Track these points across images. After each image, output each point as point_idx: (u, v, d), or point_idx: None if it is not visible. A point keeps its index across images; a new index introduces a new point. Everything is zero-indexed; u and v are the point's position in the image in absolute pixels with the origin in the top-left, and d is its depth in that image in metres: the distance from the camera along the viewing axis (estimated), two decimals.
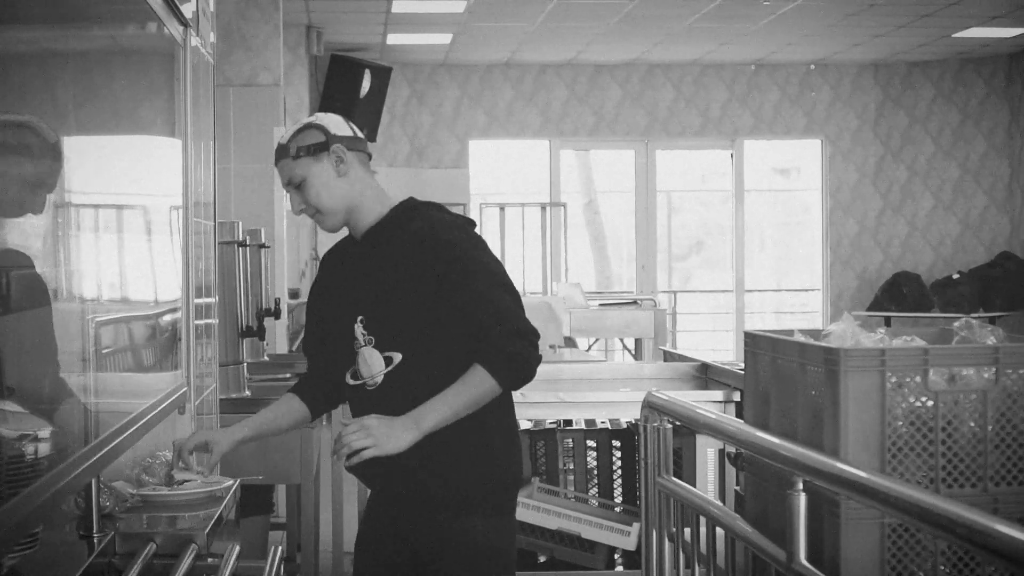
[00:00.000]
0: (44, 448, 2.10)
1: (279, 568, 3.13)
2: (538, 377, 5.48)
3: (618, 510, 5.41)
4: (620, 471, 5.55)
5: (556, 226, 13.12)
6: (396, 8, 10.21)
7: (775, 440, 3.01)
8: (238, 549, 2.93)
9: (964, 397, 3.24)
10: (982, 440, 3.24)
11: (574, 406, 5.20)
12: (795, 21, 10.99)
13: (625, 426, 5.63)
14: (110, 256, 2.70)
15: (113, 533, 2.70)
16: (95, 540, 2.64)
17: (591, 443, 5.59)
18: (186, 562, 2.63)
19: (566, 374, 5.68)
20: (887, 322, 12.06)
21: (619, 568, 5.35)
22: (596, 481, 5.58)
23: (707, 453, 4.88)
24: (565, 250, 13.18)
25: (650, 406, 3.68)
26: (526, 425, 5.74)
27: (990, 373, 3.25)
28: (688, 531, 3.62)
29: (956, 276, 12.81)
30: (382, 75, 11.74)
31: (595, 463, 5.60)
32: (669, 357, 6.22)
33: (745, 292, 13.96)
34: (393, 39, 11.66)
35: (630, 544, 5.21)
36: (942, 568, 3.20)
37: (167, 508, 2.99)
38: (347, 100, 11.46)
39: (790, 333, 3.63)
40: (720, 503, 3.93)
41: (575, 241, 13.68)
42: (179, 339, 3.45)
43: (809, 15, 10.75)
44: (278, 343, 7.49)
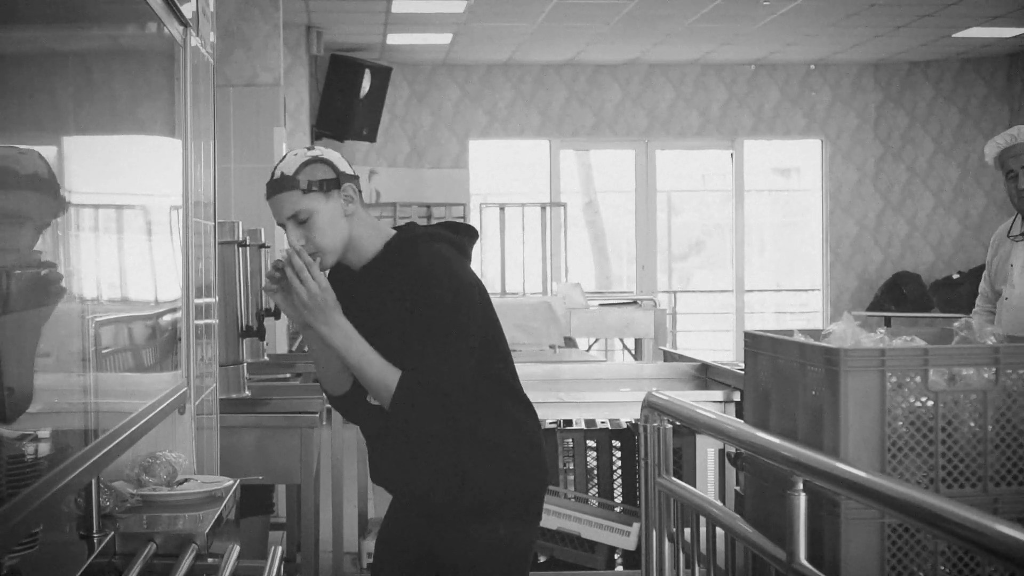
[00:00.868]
0: (44, 448, 2.10)
1: (279, 568, 3.12)
2: (538, 377, 5.54)
3: (618, 510, 5.41)
4: (620, 471, 5.55)
5: (556, 226, 13.12)
6: (396, 8, 10.21)
7: (775, 440, 3.01)
8: (238, 549, 2.93)
9: (964, 397, 3.24)
10: (982, 440, 3.24)
11: (574, 406, 5.20)
12: (795, 21, 10.99)
13: (625, 426, 5.63)
14: (110, 256, 2.70)
15: (113, 533, 2.70)
16: (95, 540, 2.64)
17: (591, 443, 5.59)
18: (186, 562, 2.63)
19: (566, 374, 5.68)
20: (887, 322, 12.06)
21: (619, 568, 5.35)
22: (596, 481, 5.58)
23: (707, 453, 4.88)
24: (565, 250, 13.18)
25: (650, 406, 3.68)
26: None
27: (990, 373, 3.25)
28: (688, 531, 3.62)
29: (956, 276, 12.81)
30: (382, 75, 11.74)
31: (595, 463, 5.60)
32: (669, 357, 6.22)
33: (745, 292, 13.96)
34: (393, 39, 11.66)
35: (630, 544, 5.21)
36: (942, 568, 3.20)
37: (167, 508, 3.00)
38: (347, 100, 11.47)
39: (790, 333, 3.63)
40: (720, 503, 3.93)
41: (575, 241, 13.68)
42: (179, 339, 3.45)
43: (809, 15, 10.75)
44: (278, 343, 7.49)
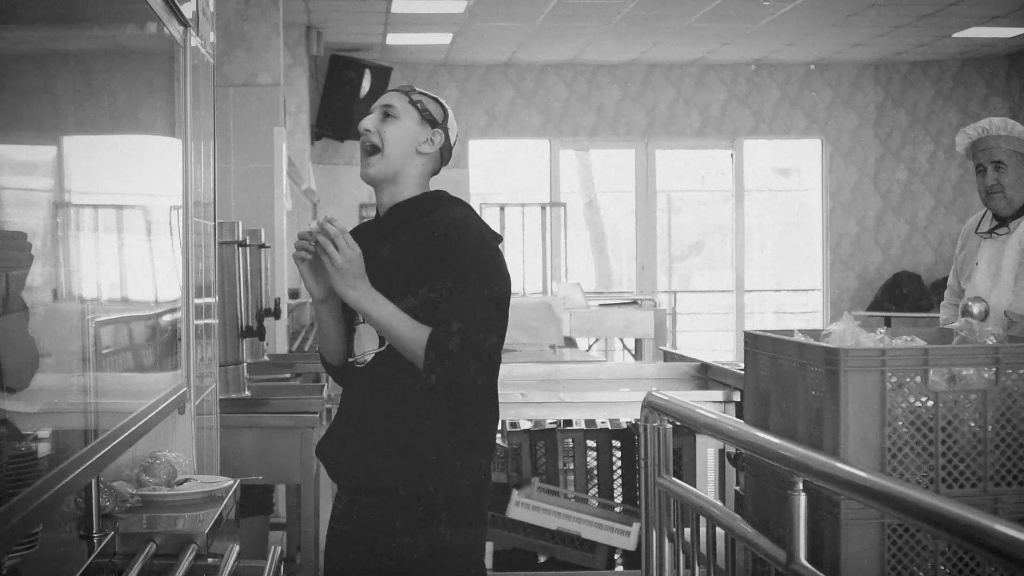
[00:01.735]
0: (44, 448, 2.10)
1: (279, 568, 3.12)
2: (538, 377, 5.54)
3: (618, 510, 5.41)
4: (620, 471, 5.55)
5: (556, 226, 13.12)
6: (396, 8, 10.21)
7: (775, 440, 3.01)
8: (238, 549, 2.93)
9: (964, 397, 3.24)
10: (982, 440, 3.24)
11: (574, 406, 5.19)
12: (795, 21, 10.99)
13: (625, 426, 5.63)
14: (110, 256, 2.70)
15: (113, 533, 2.70)
16: (95, 540, 2.64)
17: (591, 443, 5.59)
18: (186, 562, 2.63)
19: (566, 374, 5.68)
20: (887, 322, 12.05)
21: (619, 568, 5.36)
22: (596, 481, 5.58)
23: (707, 453, 4.88)
24: (565, 250, 13.19)
25: (650, 406, 3.68)
26: (526, 425, 5.74)
27: (990, 373, 3.25)
28: (688, 531, 3.62)
29: None
30: (382, 75, 11.74)
31: (595, 463, 5.60)
32: (669, 357, 6.22)
33: (745, 292, 13.96)
34: (393, 39, 11.66)
35: (630, 544, 5.21)
36: (942, 568, 3.20)
37: (167, 508, 3.00)
38: (347, 100, 11.48)
39: (790, 333, 3.62)
40: (720, 503, 3.93)
41: (575, 241, 13.68)
42: (179, 339, 3.45)
43: (809, 15, 10.75)
44: (278, 343, 7.49)
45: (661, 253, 13.94)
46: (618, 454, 5.57)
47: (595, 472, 5.59)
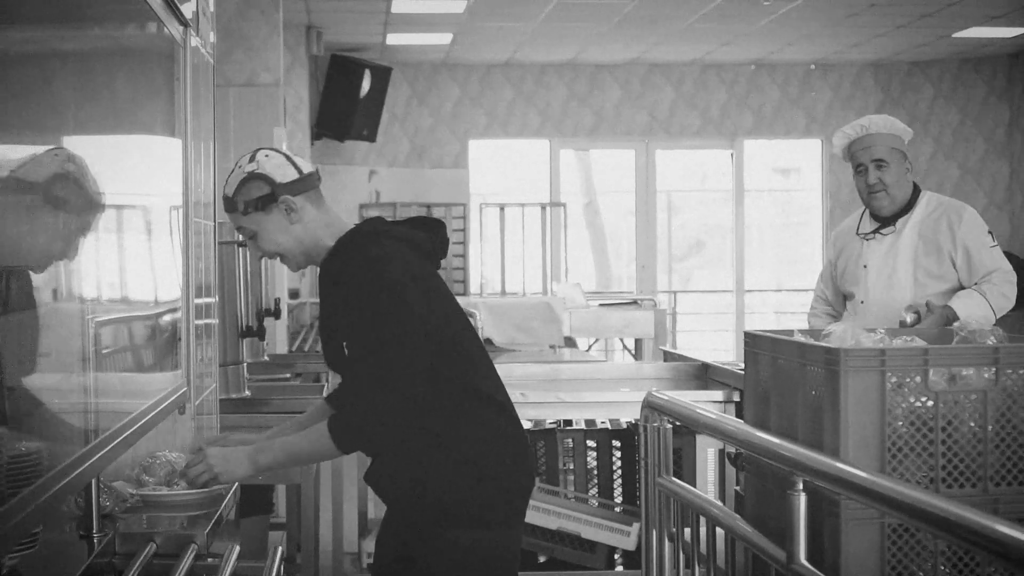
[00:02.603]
0: (44, 448, 2.10)
1: (279, 568, 3.12)
2: (538, 377, 5.54)
3: (618, 510, 5.41)
4: (620, 471, 5.55)
5: (556, 226, 13.12)
6: (396, 8, 10.21)
7: (775, 440, 3.01)
8: (238, 549, 2.93)
9: (964, 397, 3.24)
10: (982, 440, 3.24)
11: (574, 406, 5.19)
12: (795, 21, 10.99)
13: (625, 426, 5.63)
14: (110, 256, 2.70)
15: (113, 533, 2.70)
16: (95, 540, 2.64)
17: (591, 443, 5.59)
18: (186, 562, 2.63)
19: (566, 374, 5.68)
20: None
21: (619, 568, 5.36)
22: (596, 481, 5.58)
23: (707, 453, 4.88)
24: (565, 250, 13.18)
25: (650, 406, 3.68)
26: (526, 425, 5.74)
27: (990, 373, 3.25)
28: (688, 531, 3.62)
29: None
30: (382, 75, 11.74)
31: (595, 463, 5.60)
32: (669, 357, 6.22)
33: (745, 292, 13.96)
34: (393, 39, 11.66)
35: (630, 544, 5.21)
36: (942, 568, 3.20)
37: (167, 508, 2.99)
38: (347, 100, 11.48)
39: (790, 333, 3.63)
40: (720, 503, 3.93)
41: (575, 241, 13.68)
42: (179, 339, 3.45)
43: (809, 15, 10.75)
44: (278, 343, 7.50)
45: (661, 253, 13.94)
46: (618, 454, 5.57)
47: (595, 472, 5.59)
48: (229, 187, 3.03)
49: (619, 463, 5.57)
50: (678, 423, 3.70)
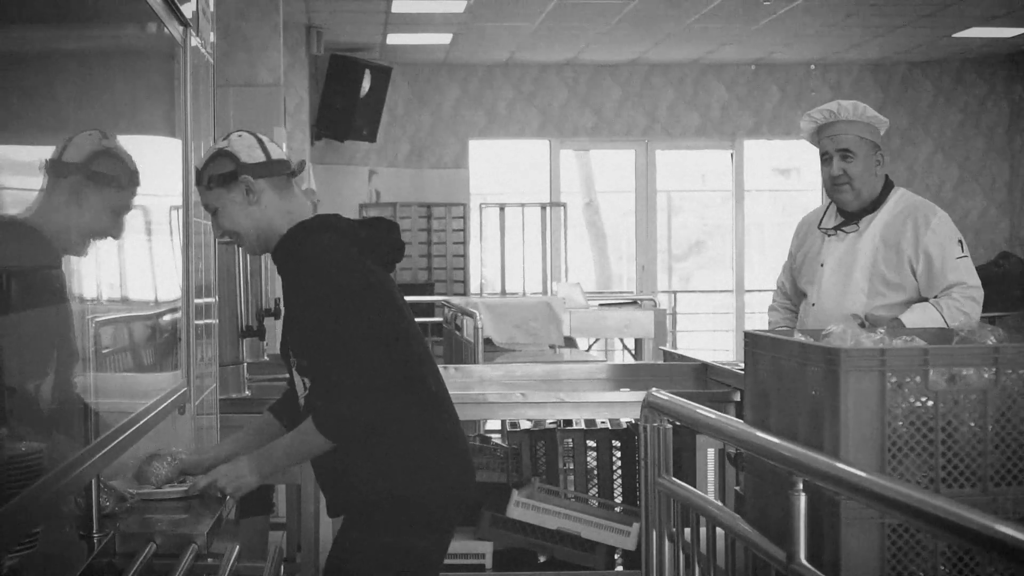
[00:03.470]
0: (44, 448, 2.10)
1: (279, 568, 3.13)
2: (538, 377, 5.53)
3: (618, 510, 5.41)
4: (620, 471, 5.55)
5: (556, 226, 13.12)
6: (396, 8, 10.21)
7: (775, 440, 3.01)
8: (238, 549, 2.93)
9: (964, 397, 3.24)
10: (982, 440, 3.24)
11: (574, 406, 5.19)
12: (795, 21, 11.00)
13: (625, 426, 5.63)
14: (110, 256, 2.70)
15: (113, 533, 2.70)
16: (95, 540, 2.64)
17: (591, 443, 5.58)
18: (186, 562, 2.63)
19: (566, 374, 5.68)
20: None
21: (619, 568, 5.35)
22: (596, 481, 5.57)
23: (707, 453, 4.88)
24: (565, 250, 13.18)
25: (650, 406, 3.68)
26: (526, 425, 5.74)
27: (990, 373, 3.25)
28: (688, 531, 3.62)
29: None
30: (382, 75, 11.74)
31: (595, 463, 5.59)
32: (669, 357, 6.22)
33: (745, 292, 13.96)
34: (393, 39, 11.66)
35: (630, 544, 5.21)
36: (942, 568, 3.20)
37: (167, 508, 2.99)
38: (347, 100, 11.47)
39: (790, 333, 3.62)
40: (720, 503, 3.93)
41: (575, 241, 13.68)
42: (179, 339, 3.45)
43: (809, 15, 10.75)
44: (278, 343, 7.49)
45: (661, 253, 13.94)
46: (618, 454, 5.56)
47: (595, 472, 5.58)
48: (199, 161, 3.16)
49: (619, 463, 5.56)
50: (678, 423, 3.69)
